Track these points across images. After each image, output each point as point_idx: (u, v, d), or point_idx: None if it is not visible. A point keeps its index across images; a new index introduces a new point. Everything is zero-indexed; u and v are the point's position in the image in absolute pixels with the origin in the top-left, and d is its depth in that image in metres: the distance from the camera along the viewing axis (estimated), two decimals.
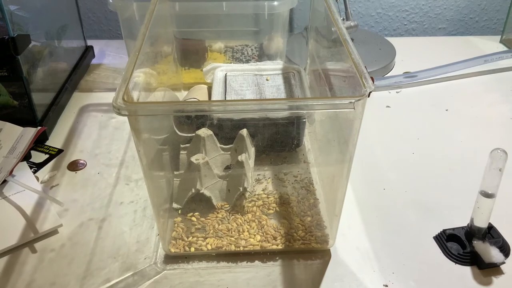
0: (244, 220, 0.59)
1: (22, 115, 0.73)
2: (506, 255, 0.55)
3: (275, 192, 0.63)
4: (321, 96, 0.65)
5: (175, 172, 0.65)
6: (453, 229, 0.58)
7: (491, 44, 1.06)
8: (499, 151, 0.49)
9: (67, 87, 0.85)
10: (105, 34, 1.12)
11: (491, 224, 0.57)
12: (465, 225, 0.57)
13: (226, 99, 0.70)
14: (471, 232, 0.56)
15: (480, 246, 0.54)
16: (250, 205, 0.61)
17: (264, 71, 0.77)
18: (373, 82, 0.46)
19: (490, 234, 0.56)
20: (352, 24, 0.93)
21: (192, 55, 0.86)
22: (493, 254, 0.53)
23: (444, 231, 0.58)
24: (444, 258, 0.56)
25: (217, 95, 0.72)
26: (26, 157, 0.70)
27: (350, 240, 0.59)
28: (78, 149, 0.74)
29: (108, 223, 0.61)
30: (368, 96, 0.43)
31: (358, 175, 0.68)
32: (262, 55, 0.86)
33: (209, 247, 0.56)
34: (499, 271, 0.54)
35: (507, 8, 1.06)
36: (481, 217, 0.54)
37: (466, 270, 0.55)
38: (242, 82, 0.74)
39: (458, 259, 0.55)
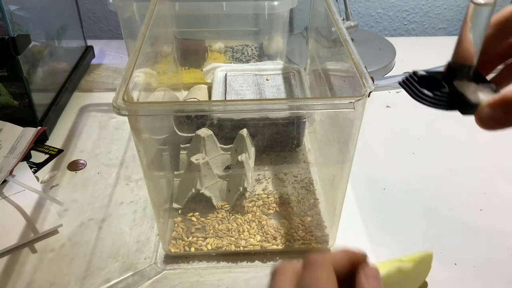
0: (244, 220, 0.59)
1: (22, 115, 0.73)
2: None
3: (275, 192, 0.63)
4: (321, 96, 0.65)
5: (175, 172, 0.65)
6: (426, 71, 0.38)
7: None
8: None
9: (67, 87, 0.85)
10: (105, 34, 1.12)
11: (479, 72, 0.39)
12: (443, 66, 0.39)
13: (226, 99, 0.70)
14: (451, 73, 0.37)
15: (463, 84, 0.38)
16: (250, 205, 0.61)
17: (264, 71, 0.77)
18: (373, 82, 0.45)
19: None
20: (352, 24, 0.93)
21: (192, 55, 0.86)
22: (482, 92, 0.38)
23: (414, 72, 0.38)
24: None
25: (217, 95, 0.71)
26: (26, 157, 0.70)
27: (350, 240, 0.59)
28: (78, 149, 0.74)
29: (108, 223, 0.61)
30: (368, 96, 0.43)
31: (358, 175, 0.68)
32: (262, 55, 0.86)
33: (209, 247, 0.56)
34: None
35: None
36: (470, 41, 0.35)
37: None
38: (242, 82, 0.74)
39: (433, 101, 0.38)
